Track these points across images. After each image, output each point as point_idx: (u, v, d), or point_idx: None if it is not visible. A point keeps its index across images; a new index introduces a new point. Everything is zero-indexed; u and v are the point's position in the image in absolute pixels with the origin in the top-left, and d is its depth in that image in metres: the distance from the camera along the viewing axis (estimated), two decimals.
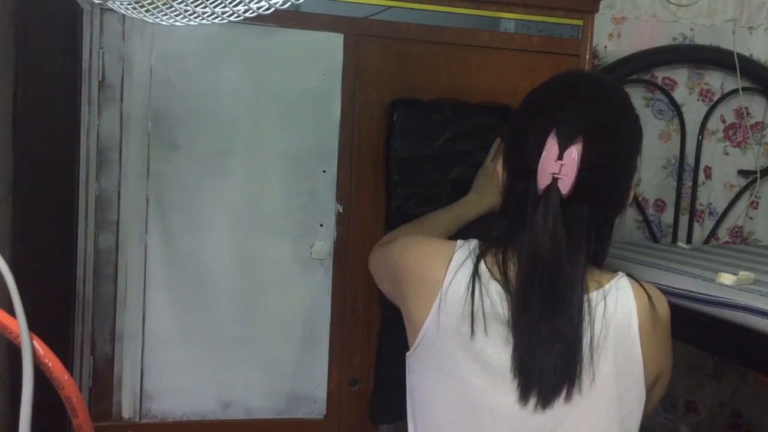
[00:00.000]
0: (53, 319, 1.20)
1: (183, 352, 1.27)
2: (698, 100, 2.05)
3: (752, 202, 2.11)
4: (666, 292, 1.28)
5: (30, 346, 0.67)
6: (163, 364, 1.26)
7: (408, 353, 0.98)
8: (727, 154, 2.09)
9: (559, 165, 0.86)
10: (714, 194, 2.09)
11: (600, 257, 0.94)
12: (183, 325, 1.26)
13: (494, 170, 1.25)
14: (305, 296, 1.31)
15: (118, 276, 1.24)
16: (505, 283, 0.88)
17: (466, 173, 1.34)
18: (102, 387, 1.25)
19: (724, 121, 2.08)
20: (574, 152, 0.86)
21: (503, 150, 1.00)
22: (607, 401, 0.89)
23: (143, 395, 1.26)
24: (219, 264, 1.27)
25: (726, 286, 1.23)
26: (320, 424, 1.34)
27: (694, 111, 2.04)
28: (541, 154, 0.87)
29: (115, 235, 1.23)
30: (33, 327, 0.68)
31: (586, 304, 0.88)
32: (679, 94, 2.03)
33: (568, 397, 0.86)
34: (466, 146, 1.34)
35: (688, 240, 2.04)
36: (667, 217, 2.06)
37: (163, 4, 0.73)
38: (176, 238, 1.25)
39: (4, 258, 0.67)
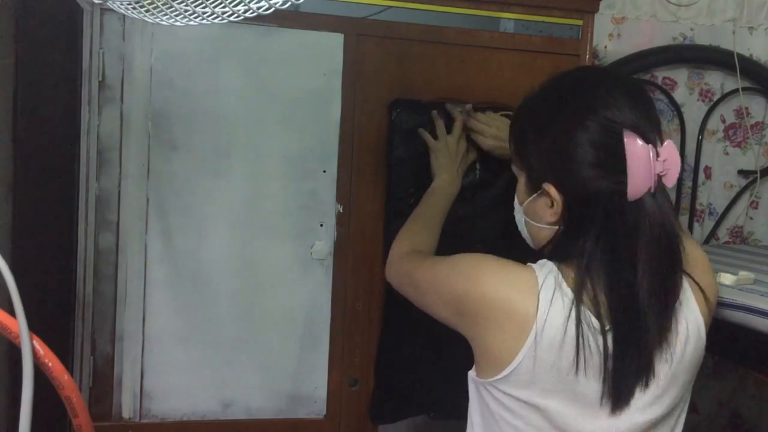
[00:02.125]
0: (53, 319, 1.20)
1: (183, 352, 1.27)
2: (698, 100, 2.04)
3: (752, 202, 2.11)
4: None
5: (30, 346, 0.67)
6: (163, 364, 1.26)
7: (477, 377, 0.92)
8: (727, 154, 2.09)
9: (662, 162, 0.83)
10: (714, 194, 2.09)
11: None
12: (183, 325, 1.26)
13: (455, 147, 1.26)
14: (305, 296, 1.31)
15: (118, 276, 1.24)
16: (597, 311, 0.84)
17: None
18: (102, 387, 1.25)
19: (724, 121, 2.08)
20: (670, 147, 0.84)
21: (551, 172, 0.89)
22: (676, 407, 0.92)
23: (143, 395, 1.26)
24: (219, 264, 1.27)
25: (726, 286, 1.23)
26: (320, 424, 1.34)
27: (694, 111, 2.04)
28: (624, 160, 0.82)
29: (115, 235, 1.23)
30: (33, 327, 0.68)
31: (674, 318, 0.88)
32: (679, 94, 2.02)
33: (645, 387, 0.87)
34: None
35: None
36: None
37: (163, 4, 0.73)
38: (176, 238, 1.25)
39: (5, 258, 0.67)
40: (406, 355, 1.34)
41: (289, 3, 0.65)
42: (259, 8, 0.67)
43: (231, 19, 0.72)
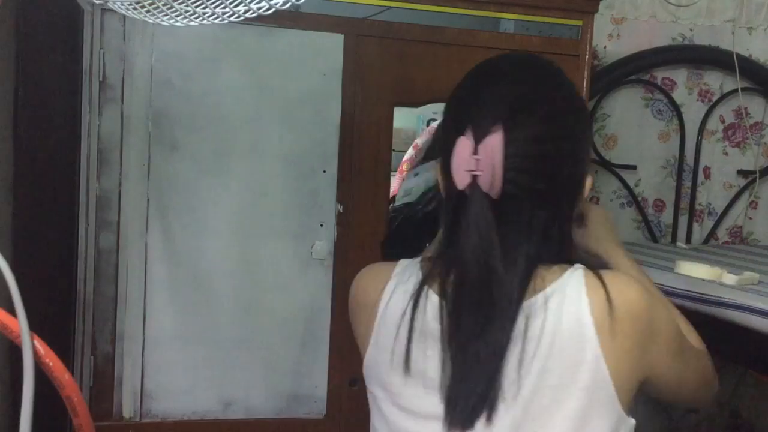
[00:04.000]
0: (54, 318, 1.20)
1: (183, 351, 1.27)
2: (697, 100, 2.05)
3: (751, 202, 2.11)
4: (666, 292, 1.28)
5: (30, 346, 0.67)
6: (163, 364, 1.26)
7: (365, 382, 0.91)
8: (727, 154, 2.09)
9: (475, 160, 0.75)
10: (713, 194, 2.09)
11: (556, 255, 0.81)
12: (183, 325, 1.26)
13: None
14: (305, 296, 1.31)
15: (119, 276, 1.24)
16: (443, 297, 0.79)
17: None
18: (103, 386, 1.25)
19: (723, 122, 2.08)
20: (491, 143, 0.75)
21: (437, 153, 0.87)
22: (560, 422, 0.76)
23: (144, 395, 1.26)
24: (219, 264, 1.27)
25: (728, 286, 1.23)
26: (320, 423, 1.34)
27: (693, 111, 2.04)
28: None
29: (116, 235, 1.23)
30: (33, 327, 0.68)
31: (522, 314, 0.76)
32: (679, 95, 2.03)
33: (488, 419, 0.75)
34: None
35: (688, 240, 2.04)
36: (667, 217, 2.06)
37: (164, 5, 0.73)
38: (176, 238, 1.25)
39: (5, 257, 0.67)
40: None
41: (290, 3, 0.65)
42: (259, 8, 0.67)
43: (231, 19, 0.72)
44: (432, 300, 0.80)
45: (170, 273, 1.25)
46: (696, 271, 1.30)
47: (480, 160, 0.75)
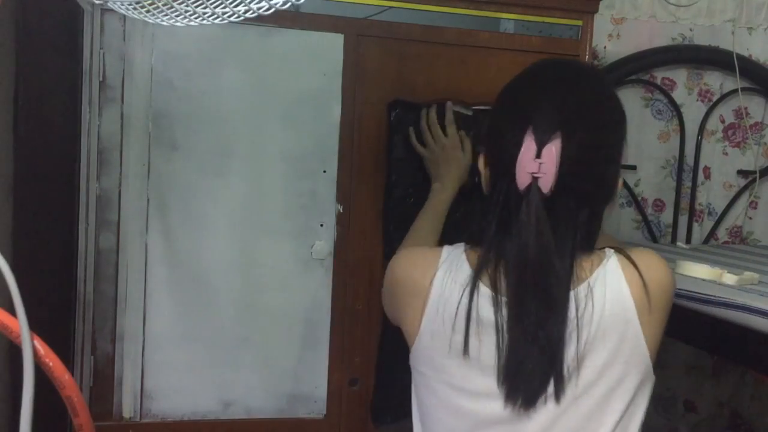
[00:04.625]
0: (54, 318, 1.20)
1: (184, 351, 1.27)
2: (697, 100, 2.05)
3: (751, 202, 2.12)
4: None
5: (31, 346, 0.67)
6: (163, 364, 1.26)
7: (410, 361, 0.97)
8: (727, 154, 2.09)
9: (538, 164, 0.83)
10: (713, 194, 2.09)
11: (588, 247, 0.91)
12: (183, 325, 1.26)
13: (452, 153, 1.26)
14: (305, 296, 1.31)
15: (119, 276, 1.24)
16: (495, 288, 0.87)
17: None
18: (103, 386, 1.25)
19: (723, 122, 2.08)
20: (552, 149, 0.83)
21: (486, 147, 0.96)
22: (604, 392, 0.87)
23: (144, 395, 1.26)
24: (219, 264, 1.27)
25: (728, 286, 1.23)
26: (320, 423, 1.34)
27: (693, 111, 2.04)
28: (519, 152, 0.84)
29: (116, 235, 1.23)
30: (34, 326, 0.68)
31: (572, 301, 0.85)
32: (679, 95, 2.03)
33: (557, 398, 0.85)
34: None
35: (688, 240, 2.04)
36: (666, 217, 2.06)
37: (164, 5, 0.73)
38: (177, 238, 1.25)
39: (5, 258, 0.67)
40: (406, 356, 1.34)
41: (290, 3, 0.65)
42: (259, 8, 0.68)
43: (231, 19, 0.72)
44: (483, 292, 0.87)
45: (170, 273, 1.25)
46: (696, 271, 1.30)
47: (543, 163, 0.83)
